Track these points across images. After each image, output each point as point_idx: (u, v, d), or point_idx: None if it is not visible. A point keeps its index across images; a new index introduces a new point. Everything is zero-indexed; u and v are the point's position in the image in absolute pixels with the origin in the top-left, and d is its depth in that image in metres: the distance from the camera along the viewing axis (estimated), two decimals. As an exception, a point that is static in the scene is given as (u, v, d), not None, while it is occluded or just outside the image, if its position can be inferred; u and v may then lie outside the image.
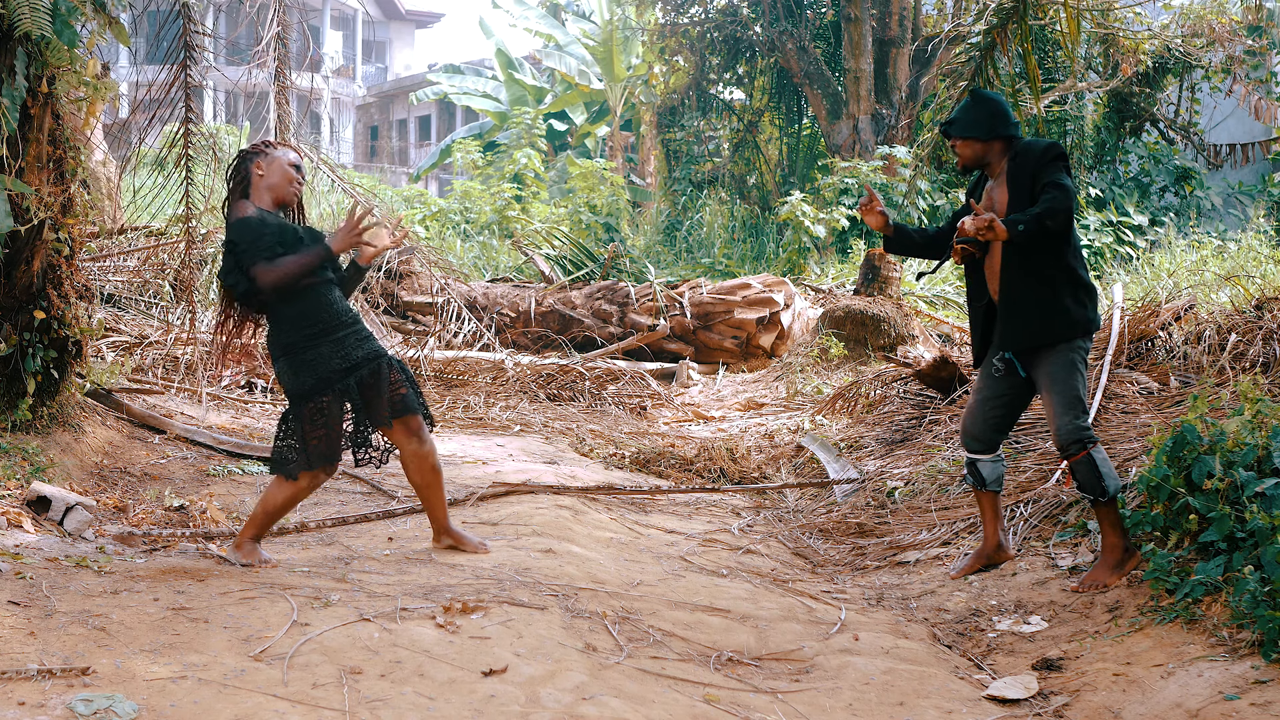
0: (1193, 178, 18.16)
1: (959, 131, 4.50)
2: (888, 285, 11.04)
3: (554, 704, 3.16)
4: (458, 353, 10.35)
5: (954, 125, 4.52)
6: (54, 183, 5.38)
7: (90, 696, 2.86)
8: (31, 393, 5.41)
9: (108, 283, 9.78)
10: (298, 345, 4.33)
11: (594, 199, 20.64)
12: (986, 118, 4.47)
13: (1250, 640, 3.45)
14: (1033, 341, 4.42)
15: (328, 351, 4.34)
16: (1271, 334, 6.16)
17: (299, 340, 4.34)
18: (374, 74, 48.08)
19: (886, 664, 3.78)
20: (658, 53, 21.84)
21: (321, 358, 4.33)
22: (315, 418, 4.31)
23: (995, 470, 4.67)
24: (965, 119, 4.50)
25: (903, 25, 19.22)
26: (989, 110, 4.48)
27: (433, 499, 4.66)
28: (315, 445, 4.32)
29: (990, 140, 4.48)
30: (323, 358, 4.34)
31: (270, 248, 4.25)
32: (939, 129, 4.68)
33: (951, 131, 4.51)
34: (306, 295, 4.35)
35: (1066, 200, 4.23)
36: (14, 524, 4.46)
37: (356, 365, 4.38)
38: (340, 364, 4.35)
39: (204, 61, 8.11)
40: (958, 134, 4.50)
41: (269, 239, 4.26)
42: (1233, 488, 3.94)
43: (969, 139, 4.49)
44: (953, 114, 4.59)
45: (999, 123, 4.47)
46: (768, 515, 6.14)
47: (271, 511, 4.42)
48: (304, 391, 4.33)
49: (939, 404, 7.28)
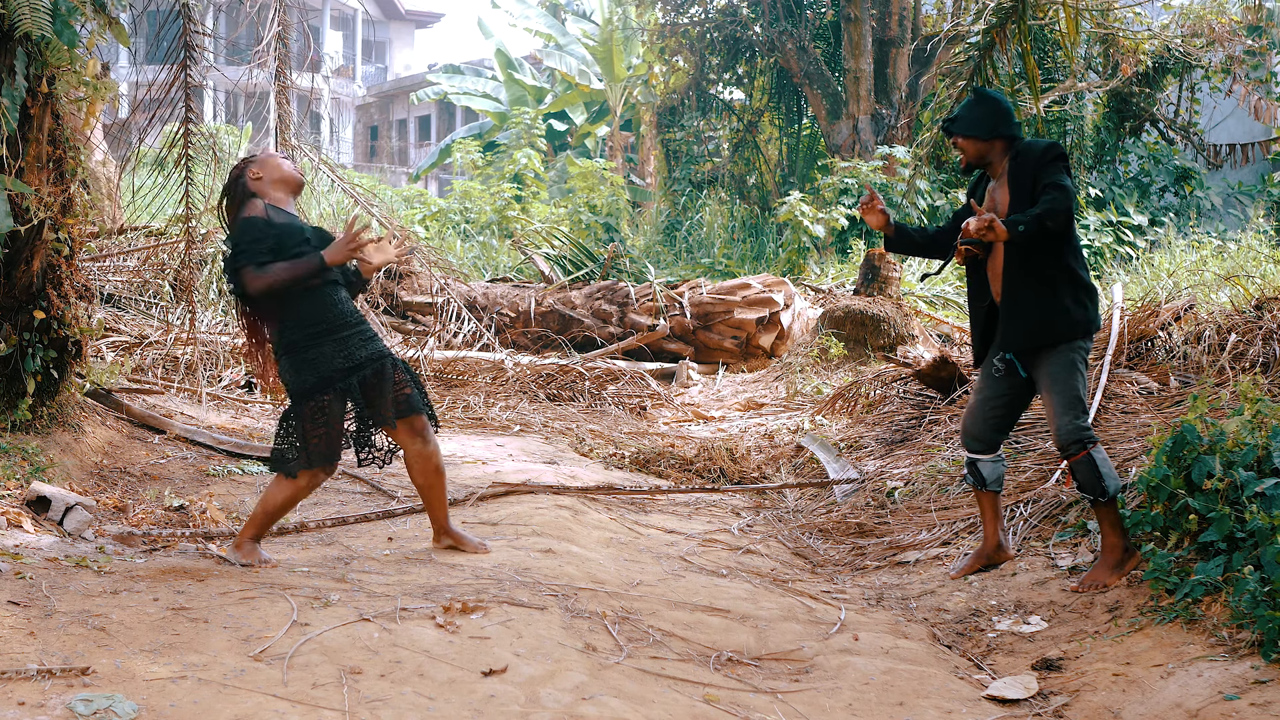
0: (1192, 178, 18.16)
1: (961, 129, 4.52)
2: (887, 285, 11.04)
3: (554, 704, 3.16)
4: (457, 353, 10.35)
5: (956, 123, 4.53)
6: (54, 183, 5.38)
7: (90, 696, 2.86)
8: (31, 393, 5.41)
9: (108, 283, 9.79)
10: (300, 344, 4.34)
11: (594, 199, 20.64)
12: (989, 116, 4.48)
13: (1250, 640, 3.45)
14: (1033, 342, 4.42)
15: (330, 351, 4.35)
16: (1271, 334, 6.16)
17: (301, 339, 4.34)
18: (374, 74, 48.09)
19: (886, 664, 3.78)
20: (657, 53, 21.84)
21: (324, 356, 4.34)
22: (316, 416, 4.32)
23: (995, 470, 4.68)
24: (968, 117, 4.51)
25: (902, 25, 19.22)
26: (991, 109, 4.49)
27: (434, 499, 4.67)
28: (315, 444, 4.32)
29: (992, 139, 4.49)
30: (325, 356, 4.34)
31: (263, 253, 4.25)
32: (941, 126, 4.70)
33: (954, 129, 4.53)
34: (310, 295, 4.35)
35: (1066, 201, 4.24)
36: (14, 524, 4.46)
37: (360, 365, 4.39)
38: (343, 363, 4.36)
39: (204, 61, 8.11)
40: (960, 132, 4.52)
41: (266, 243, 4.26)
42: (1232, 488, 3.94)
43: (970, 137, 4.51)
44: (955, 112, 4.60)
45: (1001, 122, 4.48)
46: (767, 515, 6.14)
47: (271, 511, 4.43)
48: (305, 390, 4.33)
49: (939, 404, 7.28)
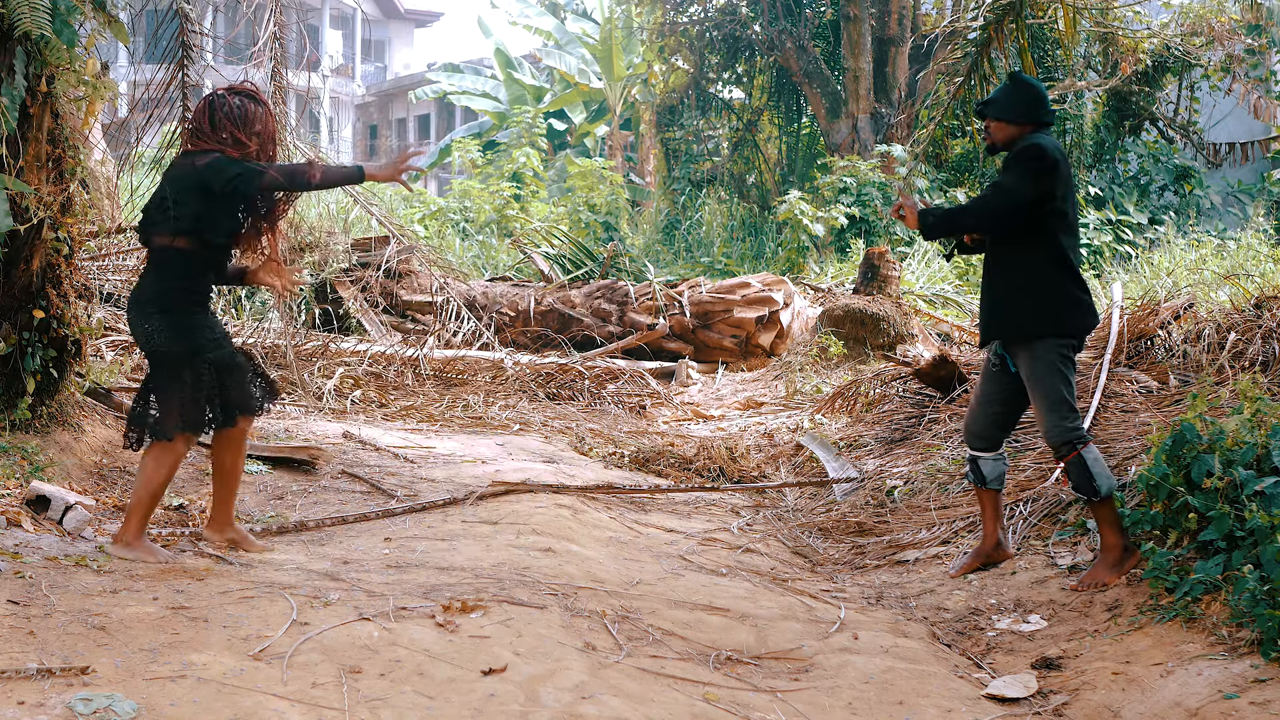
0: (1192, 176, 18.16)
1: (995, 112, 4.54)
2: (887, 284, 11.03)
3: (553, 703, 3.16)
4: (457, 352, 10.35)
5: (991, 105, 4.57)
6: (53, 182, 5.38)
7: (90, 696, 2.86)
8: (31, 392, 5.41)
9: (107, 282, 9.78)
10: (180, 306, 4.33)
11: (593, 198, 20.62)
12: (1023, 102, 4.51)
13: (1249, 639, 3.45)
14: (999, 335, 4.54)
15: (201, 321, 4.37)
16: (1271, 332, 6.16)
17: (183, 301, 4.33)
18: (373, 73, 48.05)
19: (886, 663, 3.78)
20: (657, 51, 21.84)
21: (197, 325, 4.35)
22: (197, 381, 4.31)
23: (996, 468, 4.68)
24: (1003, 100, 4.54)
25: (902, 24, 19.22)
26: (1027, 95, 4.52)
27: (233, 489, 4.61)
28: (190, 409, 4.32)
29: (1024, 124, 4.50)
30: (198, 325, 4.35)
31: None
32: (975, 110, 4.76)
33: (988, 112, 4.56)
34: (203, 263, 4.36)
35: (997, 201, 4.38)
36: (13, 523, 4.45)
37: (220, 343, 4.41)
38: (209, 335, 4.38)
39: (201, 61, 8.11)
40: (993, 115, 4.55)
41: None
42: (1232, 486, 3.94)
43: (1003, 120, 4.53)
44: (991, 95, 4.64)
45: (1036, 108, 4.51)
46: (767, 514, 6.14)
47: (156, 491, 4.35)
48: (179, 353, 4.30)
49: (938, 403, 7.28)
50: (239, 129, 4.37)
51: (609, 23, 28.07)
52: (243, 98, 4.43)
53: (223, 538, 4.57)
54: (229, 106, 4.39)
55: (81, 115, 5.76)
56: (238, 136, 4.37)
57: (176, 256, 4.32)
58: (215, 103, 4.41)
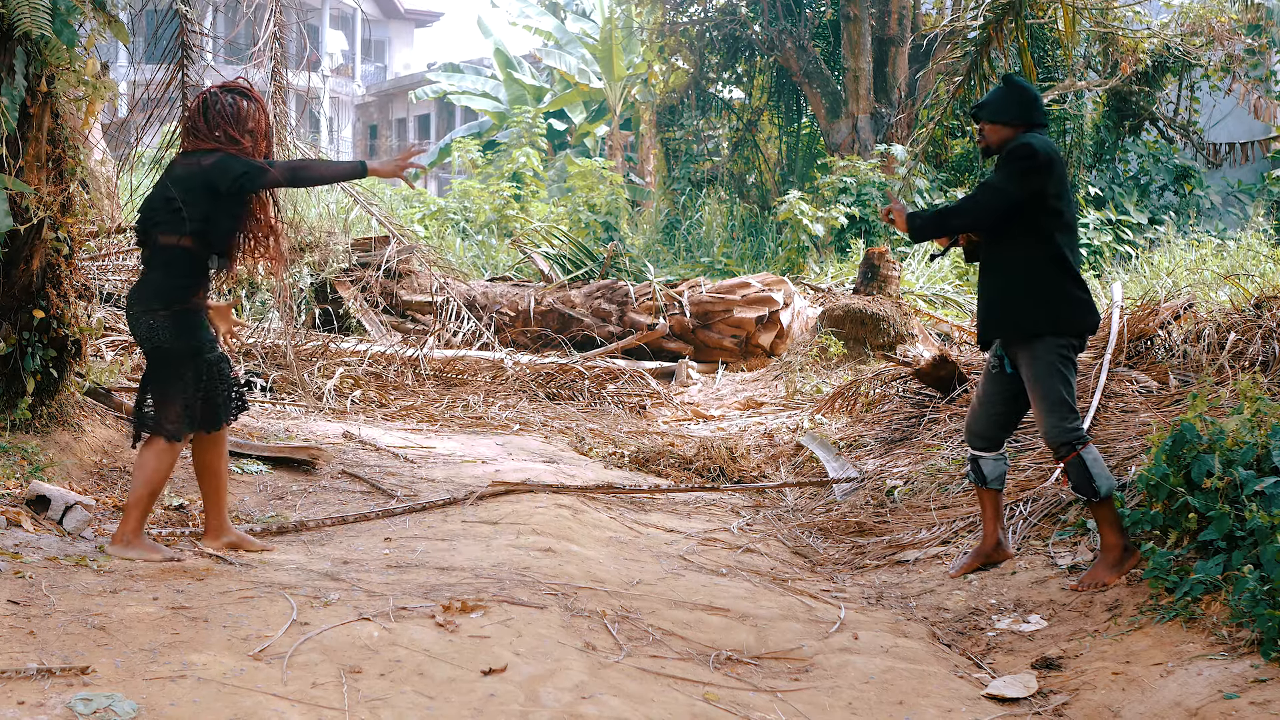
0: (1192, 176, 18.16)
1: (989, 115, 4.55)
2: (887, 284, 11.03)
3: (553, 703, 3.16)
4: (457, 352, 10.35)
5: (984, 109, 4.57)
6: (53, 182, 5.38)
7: (90, 696, 2.86)
8: (31, 392, 5.41)
9: (107, 282, 9.78)
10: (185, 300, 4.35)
11: (593, 198, 20.62)
12: (1016, 104, 4.51)
13: (1249, 639, 3.45)
14: (997, 334, 4.55)
15: (202, 319, 4.39)
16: (1271, 332, 6.16)
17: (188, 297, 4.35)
18: (373, 73, 48.05)
19: (886, 663, 3.77)
20: (657, 51, 21.84)
21: (200, 323, 4.38)
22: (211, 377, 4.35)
23: (997, 468, 4.68)
24: (996, 103, 4.55)
25: (902, 24, 19.22)
26: (1020, 97, 4.52)
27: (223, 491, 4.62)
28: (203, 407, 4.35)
29: (1017, 126, 4.51)
30: (200, 323, 4.38)
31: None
32: (970, 112, 4.76)
33: (981, 115, 4.57)
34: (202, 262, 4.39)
35: (987, 200, 4.39)
36: (13, 523, 4.45)
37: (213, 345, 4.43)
38: (209, 336, 4.41)
39: (201, 61, 8.11)
40: (987, 118, 4.55)
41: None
42: (1232, 486, 3.94)
43: (996, 123, 4.53)
44: (984, 98, 4.64)
45: (1029, 110, 4.51)
46: (767, 514, 6.14)
47: (156, 489, 4.35)
48: (185, 350, 4.32)
49: (938, 403, 7.28)
50: (232, 126, 4.38)
51: (609, 23, 28.07)
52: (235, 95, 4.44)
53: (221, 544, 4.58)
54: (222, 104, 4.40)
55: (81, 115, 5.76)
56: (231, 134, 4.38)
57: (183, 256, 4.34)
58: (209, 101, 4.42)
